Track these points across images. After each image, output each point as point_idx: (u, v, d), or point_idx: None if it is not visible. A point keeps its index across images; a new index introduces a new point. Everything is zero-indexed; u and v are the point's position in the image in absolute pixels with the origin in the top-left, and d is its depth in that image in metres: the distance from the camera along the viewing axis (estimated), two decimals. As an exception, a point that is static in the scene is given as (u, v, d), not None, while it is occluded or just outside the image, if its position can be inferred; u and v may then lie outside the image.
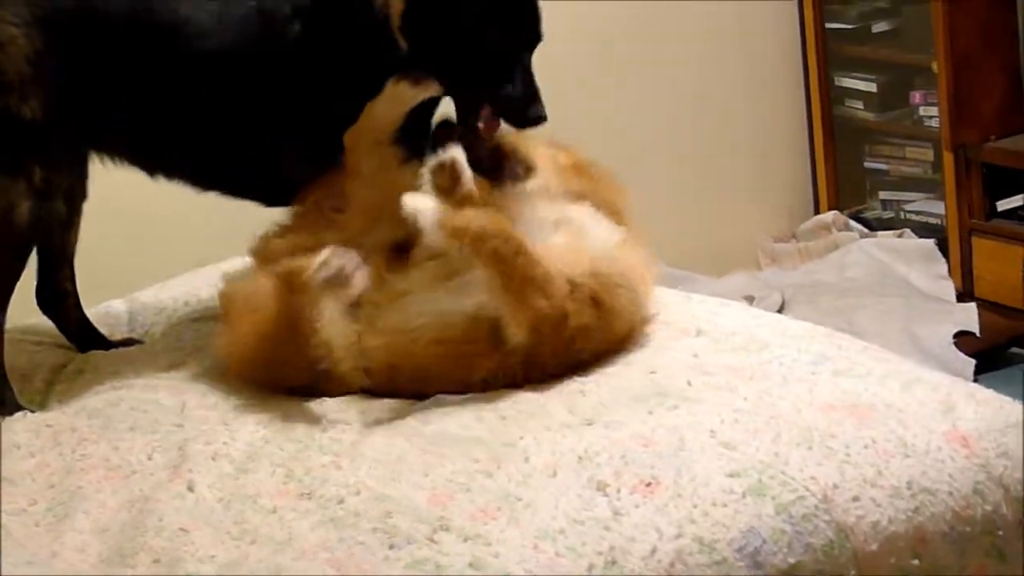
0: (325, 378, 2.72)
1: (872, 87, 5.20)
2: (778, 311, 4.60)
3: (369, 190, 2.88)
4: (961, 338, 4.54)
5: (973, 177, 4.75)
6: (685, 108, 5.20)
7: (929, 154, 5.06)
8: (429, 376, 2.68)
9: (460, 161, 2.66)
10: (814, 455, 2.30)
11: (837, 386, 2.51)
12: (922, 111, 5.04)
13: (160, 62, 2.96)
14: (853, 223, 5.25)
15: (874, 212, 5.30)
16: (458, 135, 2.84)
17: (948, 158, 4.80)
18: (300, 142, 3.00)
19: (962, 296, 4.79)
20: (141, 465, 2.54)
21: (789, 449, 2.31)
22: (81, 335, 3.26)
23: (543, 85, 2.81)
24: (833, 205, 5.33)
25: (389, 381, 2.72)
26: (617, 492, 2.24)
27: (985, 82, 4.71)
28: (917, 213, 5.16)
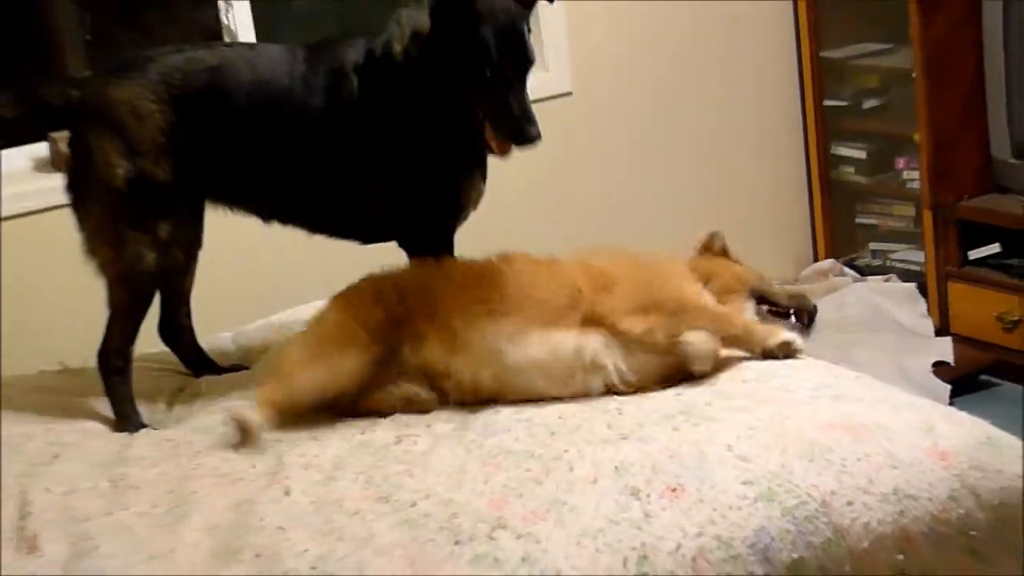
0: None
1: (863, 154, 5.17)
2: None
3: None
4: (939, 367, 4.51)
5: (949, 231, 4.72)
6: (703, 173, 5.19)
7: (911, 211, 5.03)
8: None
9: (798, 345, 2.74)
10: (815, 466, 2.29)
11: (835, 408, 2.49)
12: (905, 175, 5.01)
13: (270, 127, 2.97)
14: (847, 269, 5.23)
15: (864, 260, 5.27)
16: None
17: (927, 215, 4.78)
18: (378, 186, 2.98)
19: (940, 331, 4.75)
20: (245, 473, 2.55)
21: (794, 461, 2.30)
22: (196, 363, 3.27)
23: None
24: (830, 254, 5.31)
25: None
26: (648, 497, 2.24)
27: (959, 151, 4.68)
28: (901, 261, 5.12)
